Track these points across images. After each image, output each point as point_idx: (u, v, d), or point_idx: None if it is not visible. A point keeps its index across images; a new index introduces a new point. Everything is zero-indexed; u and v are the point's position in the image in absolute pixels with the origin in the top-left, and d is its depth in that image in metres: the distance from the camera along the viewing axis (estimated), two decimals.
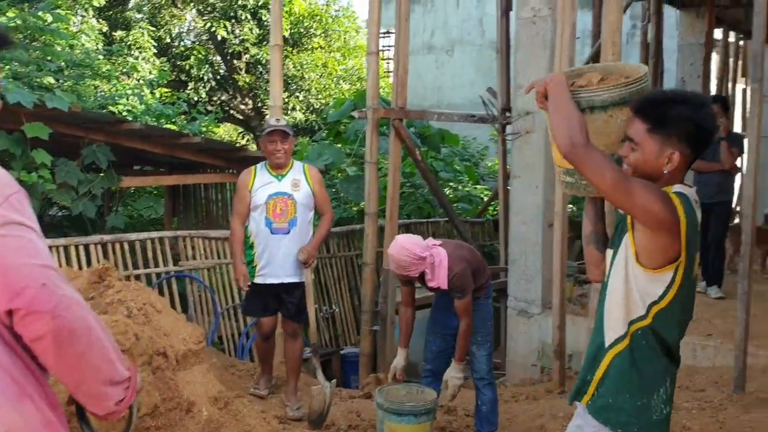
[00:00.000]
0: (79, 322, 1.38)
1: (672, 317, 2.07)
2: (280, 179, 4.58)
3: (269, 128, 4.55)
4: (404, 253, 3.86)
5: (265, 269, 4.57)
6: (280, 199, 4.53)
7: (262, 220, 4.53)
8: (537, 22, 6.13)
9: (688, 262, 2.03)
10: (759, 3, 4.26)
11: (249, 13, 14.79)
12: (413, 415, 3.88)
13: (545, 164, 6.10)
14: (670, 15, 9.22)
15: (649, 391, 2.06)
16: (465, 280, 3.91)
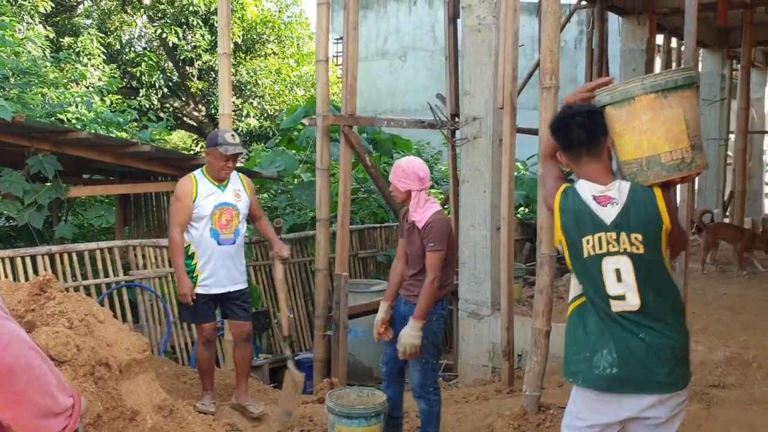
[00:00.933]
0: (17, 360, 1.33)
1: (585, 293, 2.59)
2: (223, 189, 4.60)
3: (229, 150, 4.49)
4: (407, 164, 3.99)
5: (209, 279, 4.57)
6: (225, 210, 4.56)
7: (207, 231, 4.52)
8: (482, 30, 6.26)
9: (569, 244, 2.55)
10: (690, 12, 4.45)
11: (200, 19, 14.72)
12: (363, 417, 3.94)
13: (492, 169, 6.23)
14: (613, 21, 9.49)
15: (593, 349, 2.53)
16: (441, 232, 3.86)
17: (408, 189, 3.97)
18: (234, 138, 4.58)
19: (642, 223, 2.45)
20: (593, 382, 2.51)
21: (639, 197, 2.47)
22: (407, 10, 18.30)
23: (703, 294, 7.06)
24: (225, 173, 4.57)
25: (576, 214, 2.51)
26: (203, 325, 4.67)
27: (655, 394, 2.46)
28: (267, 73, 15.59)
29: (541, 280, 4.36)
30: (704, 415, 4.25)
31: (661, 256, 2.50)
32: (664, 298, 2.50)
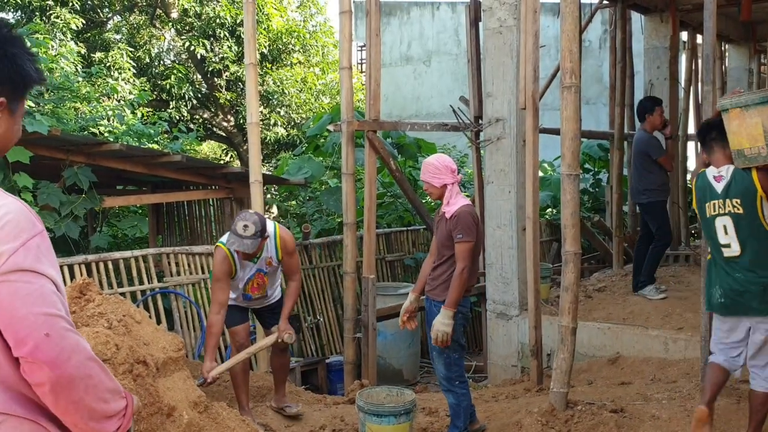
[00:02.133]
0: (78, 371, 1.42)
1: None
2: (255, 261, 4.61)
3: (237, 247, 4.30)
4: (436, 160, 4.19)
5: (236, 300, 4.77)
6: (258, 276, 4.68)
7: (240, 294, 4.70)
8: (503, 32, 6.32)
9: (699, 210, 3.95)
10: (708, 8, 4.47)
11: (227, 31, 14.94)
12: (393, 415, 4.01)
13: (516, 169, 6.27)
14: (636, 20, 9.45)
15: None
16: (468, 223, 4.02)
17: (443, 183, 4.13)
18: (246, 229, 4.28)
19: (740, 192, 3.65)
20: (713, 308, 3.90)
21: (739, 175, 3.68)
22: (430, 15, 18.37)
23: None
24: (248, 258, 4.50)
25: (702, 189, 3.87)
26: (235, 328, 4.74)
27: (754, 317, 3.66)
28: (293, 82, 15.77)
29: (567, 277, 4.40)
30: (734, 409, 4.26)
31: (757, 215, 3.62)
32: (759, 248, 3.63)
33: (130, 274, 6.58)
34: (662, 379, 5.20)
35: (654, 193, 6.71)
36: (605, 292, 7.34)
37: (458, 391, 4.21)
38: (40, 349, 1.38)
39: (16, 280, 1.39)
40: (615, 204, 8.40)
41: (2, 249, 1.40)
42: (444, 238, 4.12)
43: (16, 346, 1.39)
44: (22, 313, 1.38)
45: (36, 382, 1.41)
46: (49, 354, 1.39)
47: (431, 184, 4.16)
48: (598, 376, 5.67)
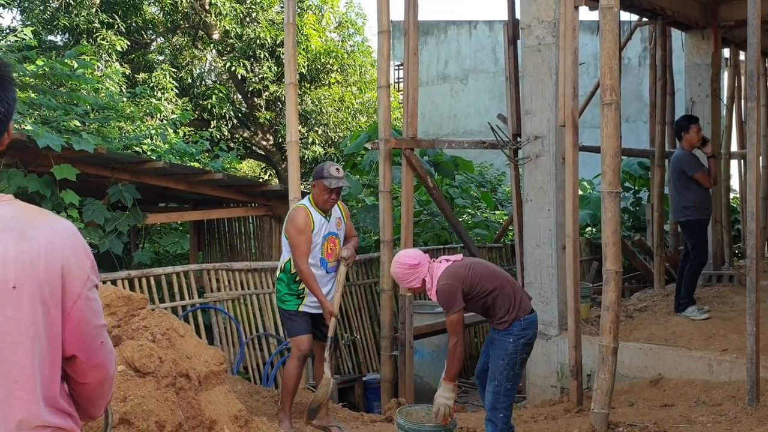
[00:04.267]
0: (112, 370, 1.63)
1: None
2: (329, 219, 4.87)
3: (333, 183, 4.70)
4: (396, 266, 4.05)
5: (314, 303, 4.82)
6: (331, 240, 4.84)
7: (318, 261, 4.79)
8: (542, 50, 6.32)
9: None
10: (752, 24, 4.41)
11: (267, 52, 15.19)
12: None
13: (555, 187, 6.23)
14: (677, 37, 9.35)
15: None
16: (447, 296, 3.86)
17: (421, 278, 4.00)
18: (339, 172, 4.77)
19: None
20: None
21: None
22: (467, 33, 18.43)
23: None
24: (330, 205, 4.81)
25: None
26: (301, 338, 4.83)
27: None
28: (331, 101, 15.94)
29: (608, 296, 4.35)
30: None
31: None
32: None
33: (172, 290, 6.68)
34: (706, 402, 5.08)
35: (692, 210, 6.61)
36: (646, 312, 7.21)
37: (500, 425, 3.97)
38: (98, 354, 1.56)
39: (92, 297, 1.53)
40: (656, 223, 8.27)
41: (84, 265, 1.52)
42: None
43: (78, 351, 1.53)
44: (92, 325, 1.54)
45: (85, 381, 1.58)
46: (103, 358, 1.57)
47: (414, 287, 4.06)
48: (640, 397, 5.56)
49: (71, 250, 1.49)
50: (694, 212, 6.64)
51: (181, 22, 16.11)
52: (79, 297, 1.48)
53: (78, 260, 1.49)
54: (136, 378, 2.64)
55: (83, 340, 1.52)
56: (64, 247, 1.47)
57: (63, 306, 1.46)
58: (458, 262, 4.05)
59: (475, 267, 4.04)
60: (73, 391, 1.60)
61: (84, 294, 1.49)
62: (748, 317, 4.47)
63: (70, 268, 1.47)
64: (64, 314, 1.47)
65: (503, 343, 3.95)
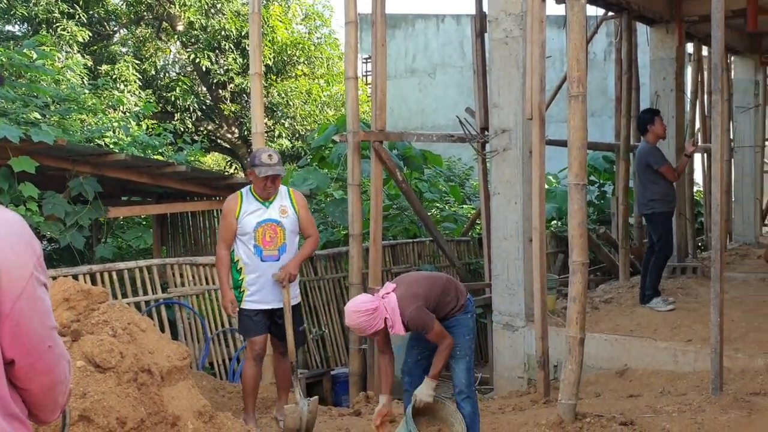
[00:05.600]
0: (61, 376, 1.49)
1: None
2: (268, 206, 4.64)
3: (263, 172, 4.51)
4: (355, 317, 3.79)
5: (255, 296, 4.64)
6: (269, 227, 4.60)
7: (252, 248, 4.59)
8: (509, 43, 6.31)
9: None
10: (716, 18, 4.45)
11: (232, 43, 15.01)
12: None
13: (522, 180, 6.24)
14: (642, 32, 9.45)
15: None
16: (421, 319, 3.85)
17: (383, 318, 3.83)
18: (271, 158, 4.54)
19: None
20: None
21: None
22: (435, 27, 18.44)
23: (742, 302, 6.95)
24: (268, 193, 4.62)
25: None
26: (254, 339, 4.69)
27: None
28: (298, 94, 15.82)
29: (574, 288, 4.36)
30: (745, 423, 4.19)
31: None
32: None
33: (135, 285, 6.56)
34: (672, 392, 5.14)
35: (657, 203, 6.70)
36: (612, 303, 7.29)
37: (474, 397, 4.16)
38: (42, 360, 1.42)
39: (38, 297, 1.39)
40: (621, 216, 8.36)
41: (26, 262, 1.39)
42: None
43: (19, 355, 1.39)
44: (37, 329, 1.40)
45: (26, 387, 1.44)
46: (48, 363, 1.43)
47: (378, 331, 3.87)
48: (606, 388, 5.61)
49: (10, 246, 1.36)
50: (659, 205, 6.72)
51: (145, 14, 15.83)
52: (19, 297, 1.35)
53: (18, 256, 1.36)
54: (96, 374, 2.56)
55: (24, 343, 1.38)
56: (1, 242, 1.35)
57: (0, 307, 1.33)
58: (403, 284, 4.00)
59: (419, 281, 4.08)
60: (21, 395, 1.47)
61: (27, 293, 1.36)
62: (713, 308, 4.52)
63: (8, 265, 1.34)
64: (2, 316, 1.34)
65: (464, 321, 4.10)
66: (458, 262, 9.20)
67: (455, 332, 4.06)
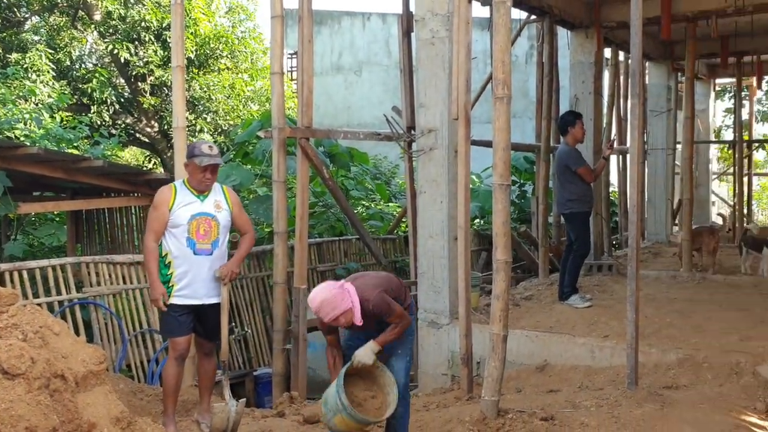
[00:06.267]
0: None
1: None
2: (203, 199, 4.54)
3: (204, 161, 4.44)
4: (324, 295, 3.71)
5: (185, 290, 4.51)
6: (203, 220, 4.50)
7: (184, 241, 4.47)
8: (436, 44, 6.36)
9: None
10: (635, 24, 4.60)
11: (153, 35, 14.57)
12: (366, 422, 3.82)
13: (448, 179, 6.30)
14: (563, 35, 9.71)
15: None
16: (385, 302, 3.82)
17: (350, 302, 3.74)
18: (211, 149, 4.52)
19: None
20: None
21: None
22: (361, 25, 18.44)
23: (654, 299, 7.24)
24: (205, 185, 4.52)
25: None
26: (177, 339, 4.54)
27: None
28: (221, 88, 15.49)
29: (498, 285, 4.42)
30: (658, 416, 4.36)
31: None
32: None
33: (47, 285, 6.26)
34: (589, 387, 5.29)
35: (575, 203, 6.89)
36: (532, 300, 7.46)
37: (408, 399, 4.18)
38: None
39: None
40: (541, 215, 8.57)
41: None
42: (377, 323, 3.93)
43: None
44: None
45: None
46: None
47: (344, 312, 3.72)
48: (527, 383, 5.73)
49: None
50: (577, 205, 6.92)
51: (59, 1, 15.15)
52: None
53: None
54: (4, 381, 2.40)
55: None
56: None
57: None
58: (356, 280, 3.96)
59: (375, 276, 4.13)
60: None
61: None
62: (629, 305, 4.67)
63: None
64: None
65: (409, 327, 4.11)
66: (384, 260, 9.23)
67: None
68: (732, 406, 4.51)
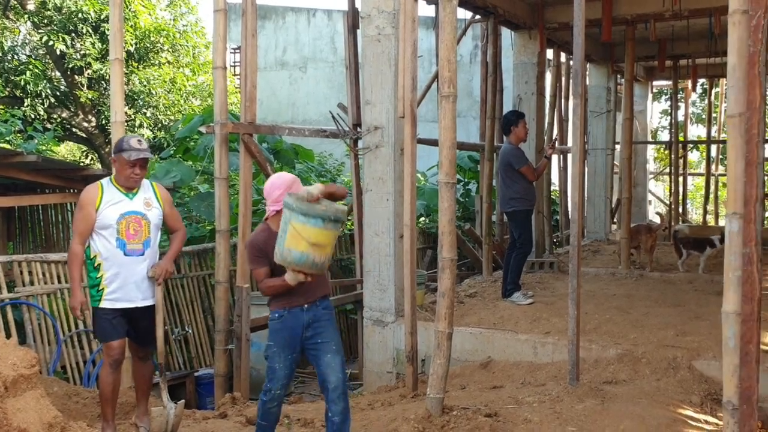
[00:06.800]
0: None
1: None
2: (132, 197, 4.38)
3: (133, 155, 4.29)
4: (297, 180, 3.91)
5: (117, 293, 4.34)
6: (133, 219, 4.34)
7: (114, 241, 4.30)
8: (382, 41, 6.34)
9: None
10: (578, 25, 4.67)
11: (90, 26, 14.13)
12: (321, 218, 3.58)
13: (394, 177, 6.29)
14: (507, 36, 9.82)
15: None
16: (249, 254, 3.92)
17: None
18: (140, 143, 4.38)
19: None
20: None
21: None
22: (306, 21, 18.30)
23: (594, 295, 7.40)
24: (133, 181, 4.36)
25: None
26: (111, 344, 4.35)
27: None
28: (161, 82, 15.13)
29: (443, 283, 4.43)
30: (599, 410, 4.44)
31: None
32: None
33: None
34: (532, 383, 5.36)
35: (518, 201, 6.99)
36: (476, 297, 7.52)
37: (347, 392, 4.10)
38: None
39: None
40: (485, 213, 8.65)
41: None
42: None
43: None
44: None
45: None
46: None
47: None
48: (471, 380, 5.77)
49: None
50: (520, 203, 7.01)
51: None
52: None
53: None
54: None
55: None
56: None
57: None
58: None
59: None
60: None
61: None
62: (570, 301, 4.75)
63: None
64: None
65: (332, 314, 4.07)
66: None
67: (331, 323, 4.02)
68: (669, 400, 4.64)
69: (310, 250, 3.57)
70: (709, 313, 6.44)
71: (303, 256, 3.58)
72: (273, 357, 3.93)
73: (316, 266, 3.65)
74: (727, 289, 3.08)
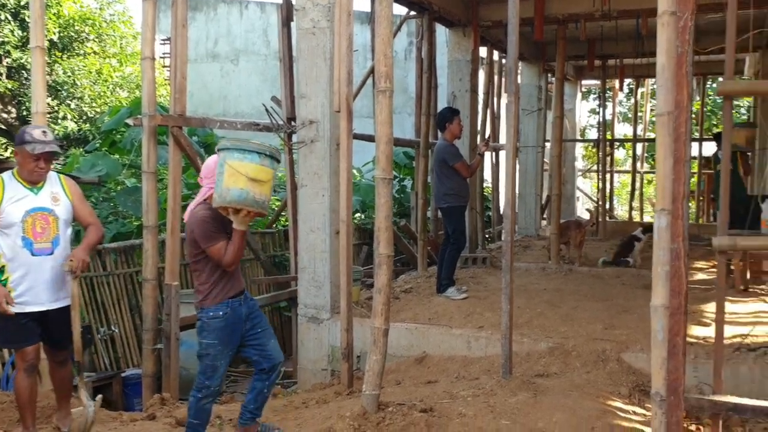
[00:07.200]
0: None
1: None
2: (37, 192, 4.15)
3: (37, 148, 4.05)
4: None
5: (25, 296, 4.10)
6: (39, 216, 4.11)
7: (19, 241, 4.06)
8: (317, 34, 6.26)
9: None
10: (512, 23, 4.71)
11: (9, 13, 13.50)
12: (257, 153, 3.57)
13: (330, 172, 6.23)
14: (441, 33, 9.87)
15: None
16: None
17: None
18: (45, 135, 4.14)
19: None
20: None
21: None
22: (238, 13, 17.98)
23: (526, 290, 7.52)
24: (38, 175, 4.12)
25: None
26: (25, 349, 4.13)
27: None
28: (86, 73, 14.60)
29: (380, 279, 4.41)
30: (531, 403, 4.50)
31: None
32: None
33: None
34: (466, 377, 5.40)
35: (452, 197, 7.04)
36: (411, 293, 7.54)
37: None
38: None
39: None
40: (420, 209, 8.68)
41: None
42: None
43: None
44: None
45: None
46: None
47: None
48: (406, 375, 5.77)
49: None
50: (454, 199, 7.06)
51: None
52: None
53: None
54: None
55: None
56: None
57: None
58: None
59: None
60: None
61: None
62: (504, 296, 4.80)
63: None
64: None
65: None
66: (263, 255, 9.03)
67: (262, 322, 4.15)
68: (599, 392, 4.75)
69: (249, 185, 3.53)
70: (636, 307, 6.64)
71: (243, 193, 3.54)
72: (216, 355, 3.93)
73: (257, 203, 3.61)
74: (655, 284, 3.15)
